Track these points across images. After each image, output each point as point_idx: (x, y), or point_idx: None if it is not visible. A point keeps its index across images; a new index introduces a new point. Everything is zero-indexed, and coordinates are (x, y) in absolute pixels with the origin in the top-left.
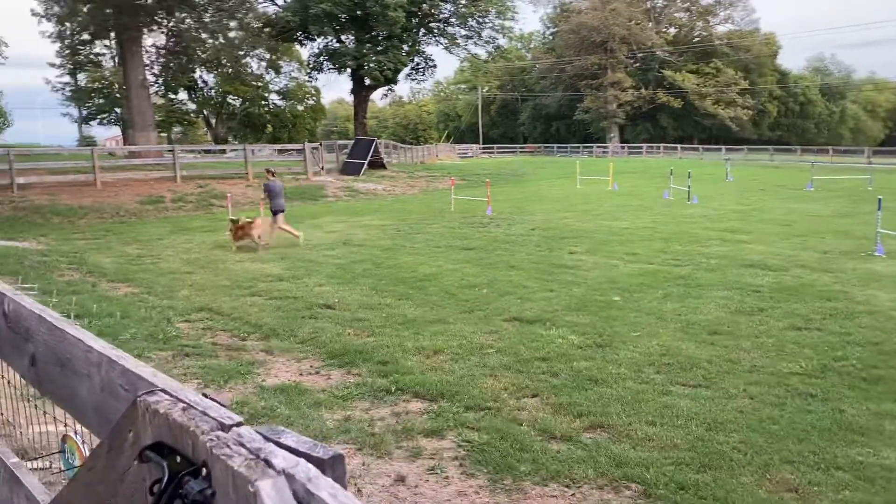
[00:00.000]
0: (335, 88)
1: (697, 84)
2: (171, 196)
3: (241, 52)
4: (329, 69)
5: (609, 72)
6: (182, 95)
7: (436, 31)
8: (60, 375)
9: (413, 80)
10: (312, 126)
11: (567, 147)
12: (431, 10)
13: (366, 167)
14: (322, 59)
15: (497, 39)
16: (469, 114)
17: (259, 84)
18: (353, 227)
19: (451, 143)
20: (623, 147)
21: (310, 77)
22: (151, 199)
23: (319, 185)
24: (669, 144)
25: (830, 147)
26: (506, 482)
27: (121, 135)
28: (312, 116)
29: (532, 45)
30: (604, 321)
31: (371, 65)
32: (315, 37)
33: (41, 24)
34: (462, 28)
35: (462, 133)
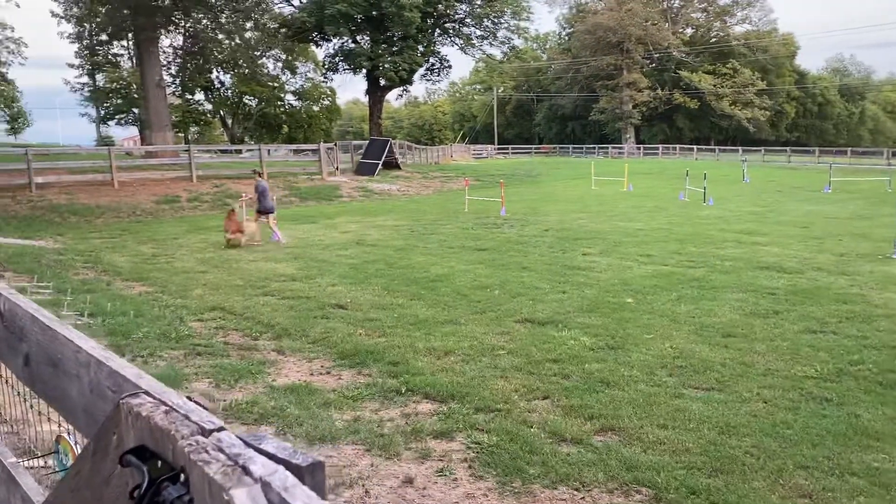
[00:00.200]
0: (351, 89)
1: (714, 85)
2: (187, 196)
3: (258, 53)
4: (344, 70)
5: (625, 72)
6: (199, 96)
7: (451, 32)
8: (52, 376)
9: (428, 81)
10: (328, 126)
11: (582, 148)
12: (447, 11)
13: (380, 167)
14: (337, 60)
15: (512, 40)
16: (484, 114)
17: (275, 84)
18: (367, 228)
19: (467, 144)
20: (639, 148)
21: (325, 77)
22: (167, 199)
23: (334, 186)
24: (685, 145)
25: (849, 148)
26: (515, 485)
27: (138, 135)
28: (328, 117)
29: (548, 46)
30: (616, 323)
31: (386, 65)
32: (331, 37)
33: (60, 25)
34: (477, 28)
35: (477, 133)
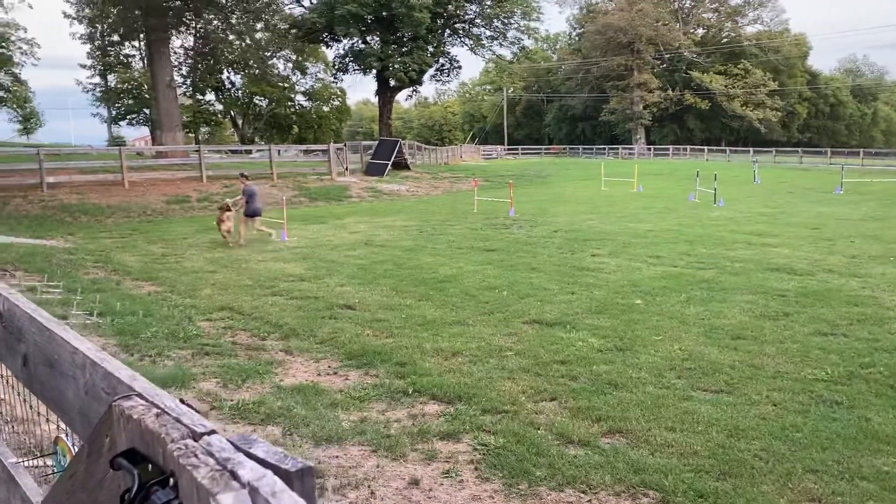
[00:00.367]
0: (361, 89)
1: (725, 85)
2: (197, 196)
3: (268, 54)
4: (354, 70)
5: (635, 73)
6: (210, 96)
7: (461, 32)
8: (49, 377)
9: (438, 81)
10: (338, 127)
11: (592, 148)
12: (457, 11)
13: (390, 168)
14: (347, 61)
15: (522, 40)
16: (494, 115)
17: (285, 85)
18: (376, 228)
19: (476, 145)
20: (649, 149)
21: (335, 78)
22: (178, 199)
23: (344, 186)
24: (696, 146)
25: (861, 149)
26: (521, 487)
27: (149, 135)
28: (338, 117)
29: (558, 46)
30: (625, 325)
31: (396, 66)
32: (341, 38)
33: (72, 26)
34: (487, 29)
35: (487, 134)
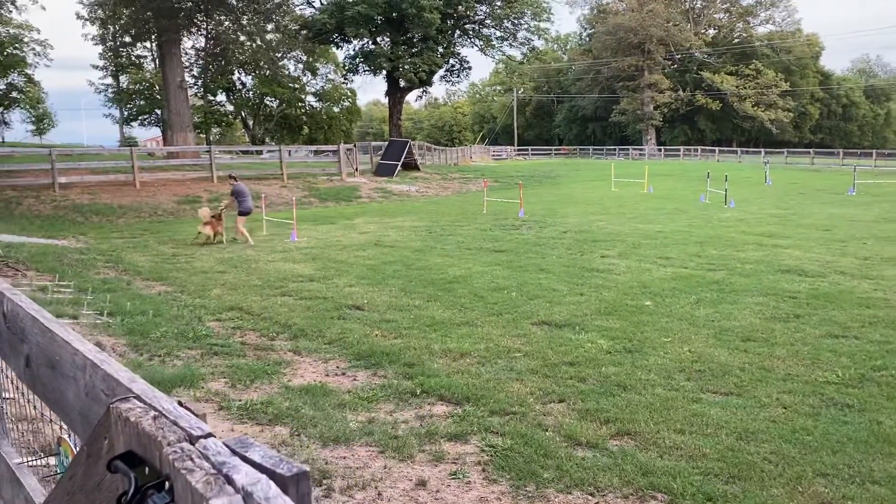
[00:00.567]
0: (371, 90)
1: (737, 86)
2: (208, 196)
3: (279, 55)
4: (364, 71)
5: (646, 73)
6: (221, 97)
7: (471, 33)
8: (51, 378)
9: (448, 82)
10: (348, 127)
11: (603, 149)
12: (466, 12)
13: (399, 169)
14: (357, 61)
15: (532, 41)
16: (504, 115)
17: (296, 86)
18: (386, 229)
19: (486, 145)
20: (660, 149)
21: (345, 79)
22: (188, 199)
23: (353, 187)
24: (707, 147)
25: (874, 150)
26: (528, 489)
27: (160, 135)
28: (348, 118)
29: (568, 47)
30: (634, 326)
31: (406, 66)
32: (351, 39)
33: (85, 27)
34: (497, 30)
35: (497, 135)
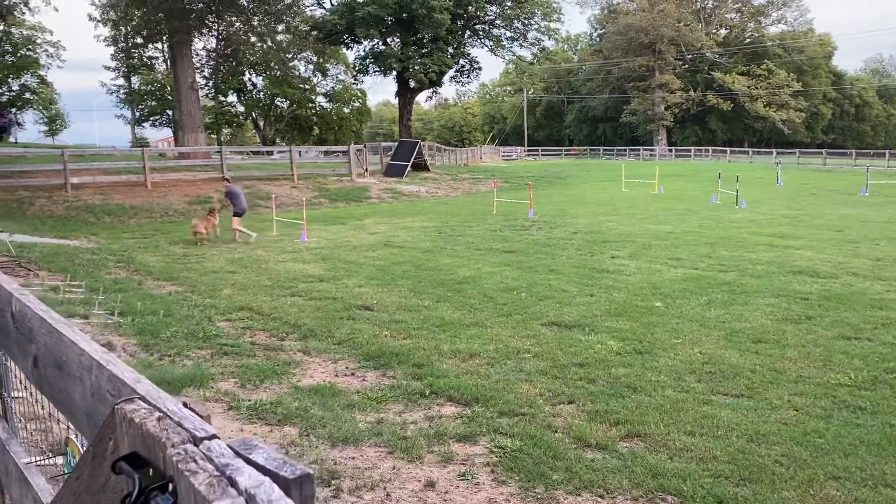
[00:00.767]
0: (381, 91)
1: (748, 86)
2: (219, 196)
3: (289, 55)
4: (374, 72)
5: (657, 73)
6: (231, 98)
7: (481, 34)
8: (58, 378)
9: (458, 83)
10: (358, 128)
11: (613, 150)
12: (477, 13)
13: (409, 169)
14: (368, 62)
15: (543, 41)
16: (514, 116)
17: (306, 86)
18: (395, 229)
19: (496, 146)
20: (670, 150)
21: (356, 79)
22: (199, 200)
23: (363, 187)
24: (718, 147)
25: (887, 150)
26: (537, 490)
27: (172, 136)
28: (358, 118)
29: (579, 47)
30: (644, 327)
31: (416, 67)
32: (361, 39)
33: (97, 29)
34: (507, 30)
35: (507, 135)
